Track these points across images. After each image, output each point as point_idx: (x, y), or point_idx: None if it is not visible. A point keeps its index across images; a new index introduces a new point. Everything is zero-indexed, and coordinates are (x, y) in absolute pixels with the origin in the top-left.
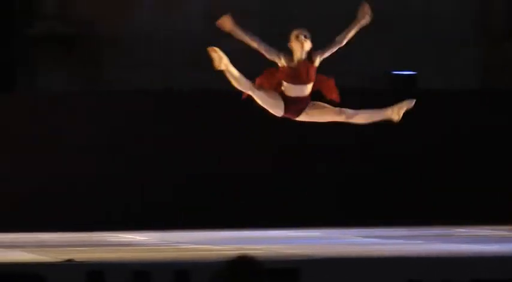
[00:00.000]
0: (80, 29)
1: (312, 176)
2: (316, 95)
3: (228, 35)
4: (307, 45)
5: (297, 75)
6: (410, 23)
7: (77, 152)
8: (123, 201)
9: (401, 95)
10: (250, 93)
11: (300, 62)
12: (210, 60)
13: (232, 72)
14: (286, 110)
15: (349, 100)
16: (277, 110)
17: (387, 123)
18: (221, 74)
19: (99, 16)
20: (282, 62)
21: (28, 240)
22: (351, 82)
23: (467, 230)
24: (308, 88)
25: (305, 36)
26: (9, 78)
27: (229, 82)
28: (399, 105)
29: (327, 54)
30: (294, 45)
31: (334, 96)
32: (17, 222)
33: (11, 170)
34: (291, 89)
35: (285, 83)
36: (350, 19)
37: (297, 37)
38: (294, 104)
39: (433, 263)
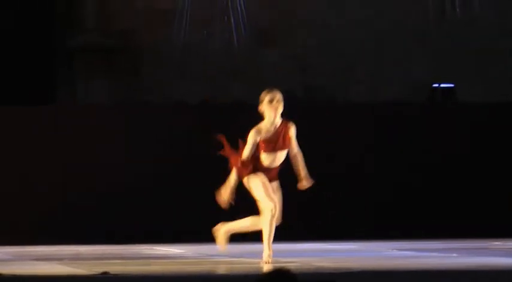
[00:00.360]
0: (119, 40)
1: (347, 189)
2: None
3: (267, 48)
4: (281, 108)
5: (275, 141)
6: (449, 34)
7: (114, 163)
8: (159, 213)
9: (440, 106)
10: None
11: (275, 127)
12: (248, 73)
13: None
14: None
15: (390, 112)
16: None
17: (424, 136)
18: (258, 87)
19: (138, 28)
20: (259, 137)
21: (64, 253)
22: (391, 94)
23: (503, 243)
24: (283, 155)
25: (278, 101)
26: (50, 89)
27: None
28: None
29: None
30: (268, 109)
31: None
32: (53, 235)
33: (49, 182)
34: (269, 158)
35: (263, 154)
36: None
37: (271, 102)
38: (268, 173)
39: (468, 276)
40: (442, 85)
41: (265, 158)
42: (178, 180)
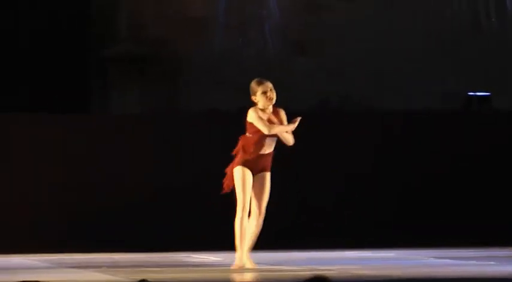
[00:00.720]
0: (153, 49)
1: (384, 197)
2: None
3: (302, 56)
4: (275, 97)
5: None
6: (484, 42)
7: (149, 172)
8: (198, 220)
9: (475, 115)
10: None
11: (269, 114)
12: (282, 81)
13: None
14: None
15: (425, 121)
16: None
17: (458, 144)
18: (294, 94)
19: (172, 36)
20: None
21: (102, 261)
22: (427, 103)
23: None
24: (273, 142)
25: (271, 90)
26: (84, 98)
27: (300, 101)
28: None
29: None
30: (263, 100)
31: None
32: (90, 242)
33: (85, 190)
34: (260, 144)
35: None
36: None
37: (265, 93)
38: (261, 160)
39: None
40: (477, 93)
41: (257, 143)
42: (216, 188)
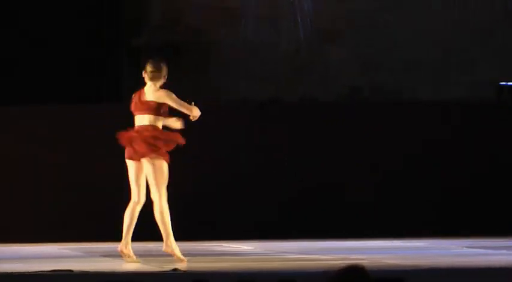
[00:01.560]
0: (186, 38)
1: (415, 187)
2: None
3: (333, 46)
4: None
5: None
6: None
7: (180, 162)
8: (228, 210)
9: (507, 105)
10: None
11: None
12: (314, 70)
13: None
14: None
15: (457, 111)
16: None
17: (489, 135)
18: (324, 84)
19: (205, 25)
20: None
21: (134, 250)
22: (458, 93)
23: None
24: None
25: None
26: (116, 87)
27: (331, 91)
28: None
29: None
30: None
31: None
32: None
33: (115, 179)
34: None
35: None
36: None
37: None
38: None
39: None
40: (509, 83)
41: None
42: (247, 177)
